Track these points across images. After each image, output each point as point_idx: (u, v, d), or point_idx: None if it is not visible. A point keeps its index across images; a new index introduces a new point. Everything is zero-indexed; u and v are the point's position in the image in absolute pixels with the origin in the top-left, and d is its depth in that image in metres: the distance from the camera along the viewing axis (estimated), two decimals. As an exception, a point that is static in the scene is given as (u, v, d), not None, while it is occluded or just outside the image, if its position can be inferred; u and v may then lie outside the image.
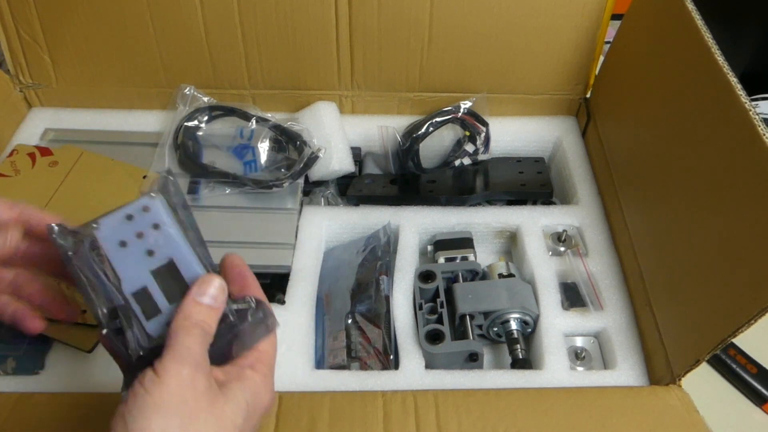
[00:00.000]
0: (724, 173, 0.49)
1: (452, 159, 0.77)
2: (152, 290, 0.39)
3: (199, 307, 0.38)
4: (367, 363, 0.60)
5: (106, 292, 0.38)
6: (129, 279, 0.38)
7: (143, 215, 0.39)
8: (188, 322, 0.37)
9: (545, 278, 0.65)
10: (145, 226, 0.39)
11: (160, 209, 0.39)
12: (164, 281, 0.39)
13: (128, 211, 0.39)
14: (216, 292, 0.39)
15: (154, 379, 0.34)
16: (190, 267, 0.39)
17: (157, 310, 0.39)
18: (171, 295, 0.39)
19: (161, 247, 0.39)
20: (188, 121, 0.74)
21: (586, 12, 0.71)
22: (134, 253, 0.38)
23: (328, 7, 0.70)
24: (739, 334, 0.46)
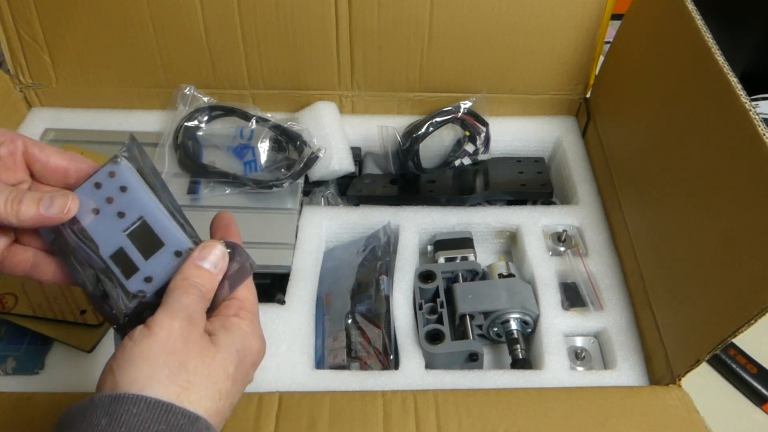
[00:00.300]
0: (724, 173, 0.49)
1: (452, 159, 0.77)
2: (128, 250, 0.40)
3: (198, 271, 0.38)
4: (367, 363, 0.60)
5: (88, 260, 0.40)
6: (105, 243, 0.40)
7: (110, 180, 0.40)
8: (186, 282, 0.38)
9: (545, 278, 0.65)
10: (113, 191, 0.40)
11: (125, 172, 0.41)
12: (138, 240, 0.40)
13: (96, 179, 0.40)
14: (217, 259, 0.39)
15: (144, 331, 0.35)
16: (160, 222, 0.41)
17: (134, 268, 0.40)
18: (147, 252, 0.40)
19: (131, 207, 0.40)
20: (188, 121, 0.74)
21: (586, 12, 0.71)
22: (106, 218, 0.40)
23: (328, 7, 0.70)
24: (739, 334, 0.46)
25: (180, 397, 0.34)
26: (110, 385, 0.34)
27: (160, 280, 0.40)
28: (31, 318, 0.58)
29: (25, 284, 0.60)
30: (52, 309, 0.58)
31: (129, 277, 0.40)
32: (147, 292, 0.40)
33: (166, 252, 0.40)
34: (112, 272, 0.40)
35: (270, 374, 0.57)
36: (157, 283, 0.40)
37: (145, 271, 0.40)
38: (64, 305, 0.59)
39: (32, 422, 0.50)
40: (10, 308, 0.58)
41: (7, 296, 0.59)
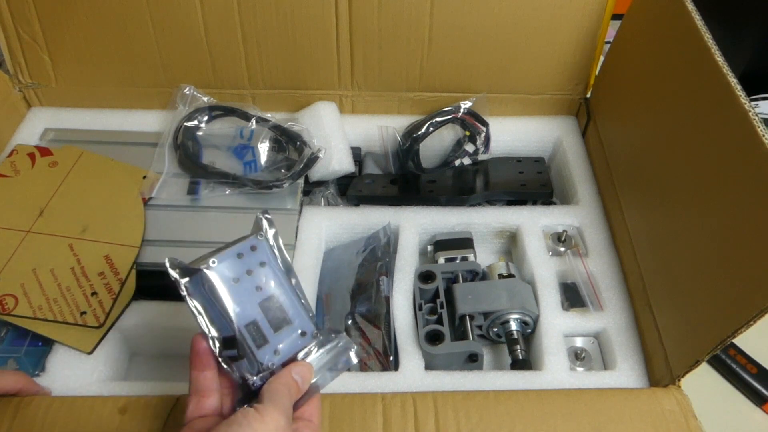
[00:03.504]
0: (723, 173, 0.49)
1: (452, 159, 0.77)
2: (260, 322, 0.44)
3: (292, 380, 0.43)
4: (367, 364, 0.60)
5: (220, 323, 0.43)
6: (242, 311, 0.43)
7: (251, 254, 0.44)
8: (285, 387, 0.42)
9: (545, 278, 0.65)
10: (253, 264, 0.44)
11: (266, 249, 0.45)
12: (269, 313, 0.44)
13: (239, 250, 0.44)
14: (306, 377, 0.44)
15: (256, 416, 0.39)
16: (290, 301, 0.45)
17: (265, 340, 0.44)
18: (276, 326, 0.44)
19: (267, 283, 0.44)
20: (188, 121, 0.74)
21: (586, 12, 0.71)
22: (245, 288, 0.44)
23: (328, 7, 0.70)
24: (739, 334, 0.46)
25: None
26: None
27: (285, 354, 0.44)
28: (31, 319, 0.58)
29: (26, 286, 0.60)
30: (53, 311, 0.58)
31: (259, 348, 0.43)
32: (275, 363, 0.44)
33: (293, 330, 0.45)
34: (246, 341, 0.43)
35: (270, 375, 0.57)
36: (283, 357, 0.44)
37: (273, 344, 0.44)
38: (64, 307, 0.59)
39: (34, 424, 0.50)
40: (10, 310, 0.58)
41: (8, 298, 0.59)
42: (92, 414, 0.51)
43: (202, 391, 0.43)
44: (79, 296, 0.60)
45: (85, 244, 0.63)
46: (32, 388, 0.53)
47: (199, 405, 0.43)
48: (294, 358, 0.45)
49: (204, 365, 0.43)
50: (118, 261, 0.62)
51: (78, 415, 0.51)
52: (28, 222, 0.65)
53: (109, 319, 0.59)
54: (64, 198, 0.67)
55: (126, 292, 0.61)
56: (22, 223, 0.65)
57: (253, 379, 0.43)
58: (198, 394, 0.43)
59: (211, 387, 0.43)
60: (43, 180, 0.69)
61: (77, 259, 0.62)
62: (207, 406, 0.43)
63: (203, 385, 0.43)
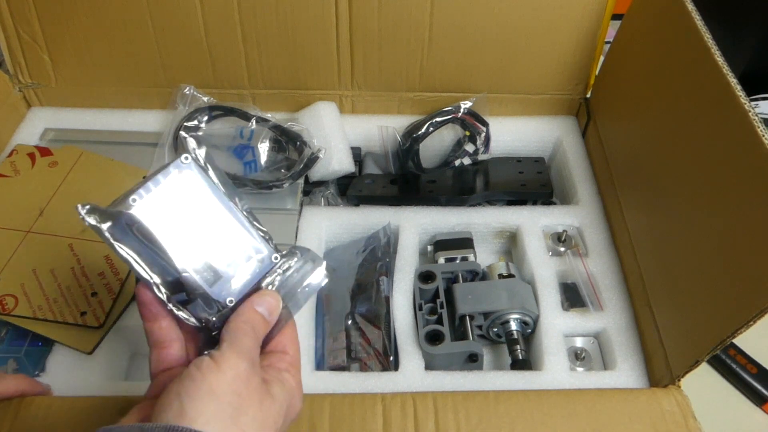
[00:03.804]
0: (723, 173, 0.49)
1: (452, 159, 0.77)
2: (208, 256, 0.39)
3: (255, 315, 0.39)
4: (367, 364, 0.60)
5: (161, 266, 0.38)
6: (183, 249, 0.38)
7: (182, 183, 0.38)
8: (246, 325, 0.38)
9: (545, 278, 0.65)
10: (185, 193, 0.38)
11: (197, 173, 0.39)
12: (216, 245, 0.39)
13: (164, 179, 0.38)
14: (272, 307, 0.40)
15: (211, 365, 0.35)
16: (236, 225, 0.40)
17: (217, 275, 0.39)
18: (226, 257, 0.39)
19: (206, 210, 0.39)
20: (188, 121, 0.73)
21: (586, 12, 0.71)
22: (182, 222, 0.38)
23: (328, 7, 0.70)
24: (739, 334, 0.45)
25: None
26: (176, 410, 0.34)
27: (245, 286, 0.40)
28: (31, 319, 0.58)
29: (26, 286, 0.60)
30: (53, 310, 0.58)
31: (213, 285, 0.39)
32: (234, 298, 0.40)
33: (247, 257, 0.40)
34: (194, 279, 0.39)
35: (270, 375, 0.57)
36: (242, 289, 0.40)
37: (228, 277, 0.39)
38: (64, 307, 0.59)
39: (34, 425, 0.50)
40: (10, 310, 0.58)
41: (8, 298, 0.59)
42: (92, 414, 0.51)
43: (160, 343, 0.40)
44: (79, 296, 0.60)
45: (85, 244, 0.63)
46: (33, 390, 0.52)
47: (161, 358, 0.39)
48: (257, 287, 0.40)
49: (156, 315, 0.39)
50: (118, 261, 0.62)
51: (78, 415, 0.51)
52: (28, 222, 0.65)
53: (109, 319, 0.59)
54: (64, 198, 0.67)
55: (126, 292, 0.61)
56: (22, 223, 0.65)
57: (211, 320, 0.39)
58: (157, 346, 0.40)
59: (169, 336, 0.40)
60: (43, 180, 0.69)
61: (77, 259, 0.62)
62: (170, 357, 0.40)
63: (160, 336, 0.40)
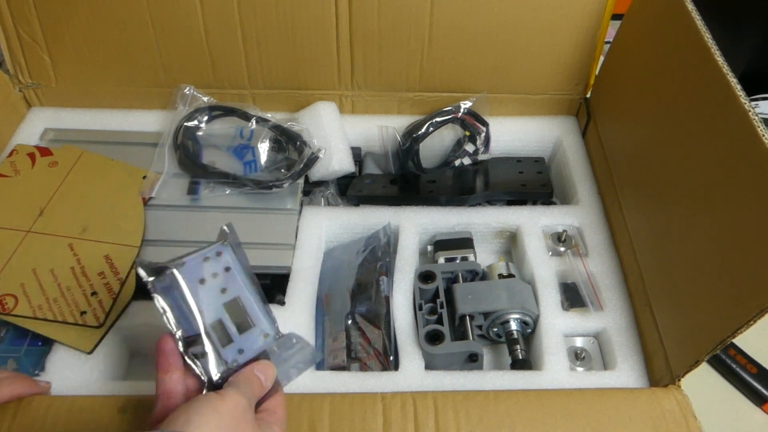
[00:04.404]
0: (723, 173, 0.49)
1: (452, 159, 0.77)
2: (225, 322, 0.46)
3: (255, 377, 0.45)
4: (367, 364, 0.60)
5: (186, 322, 0.45)
6: (207, 311, 0.46)
7: (217, 258, 0.48)
8: (246, 381, 0.45)
9: (545, 278, 0.65)
10: (218, 268, 0.47)
11: (230, 255, 0.48)
12: (233, 315, 0.47)
13: (206, 254, 0.47)
14: (269, 375, 0.46)
15: (216, 395, 0.41)
16: (253, 305, 0.48)
17: (229, 339, 0.46)
18: (240, 328, 0.47)
19: (231, 286, 0.47)
20: (188, 121, 0.74)
21: (586, 12, 0.71)
22: (211, 289, 0.46)
23: (328, 7, 0.70)
24: (739, 334, 0.46)
25: None
26: (182, 421, 0.39)
27: (249, 354, 0.47)
28: (31, 319, 0.58)
29: (25, 285, 0.60)
30: (53, 310, 0.58)
31: (225, 346, 0.46)
32: (239, 362, 0.46)
33: (256, 331, 0.47)
34: (211, 339, 0.45)
35: (270, 375, 0.57)
36: (246, 356, 0.47)
37: (238, 343, 0.46)
38: (64, 306, 0.59)
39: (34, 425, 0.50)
40: (10, 309, 0.58)
41: (8, 297, 0.59)
42: (92, 414, 0.51)
43: (168, 394, 0.44)
44: (79, 296, 0.60)
45: (85, 244, 0.63)
46: (31, 391, 0.52)
47: (166, 407, 0.43)
48: (257, 357, 0.47)
49: (170, 367, 0.44)
50: (118, 261, 0.62)
51: (78, 415, 0.51)
52: (28, 222, 0.65)
53: (108, 319, 0.59)
54: (64, 198, 0.67)
55: (126, 292, 0.61)
56: (22, 223, 0.65)
57: (217, 376, 0.45)
58: (165, 396, 0.44)
59: (177, 389, 0.44)
60: (43, 180, 0.69)
61: (77, 259, 0.62)
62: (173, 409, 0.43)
63: (169, 387, 0.44)
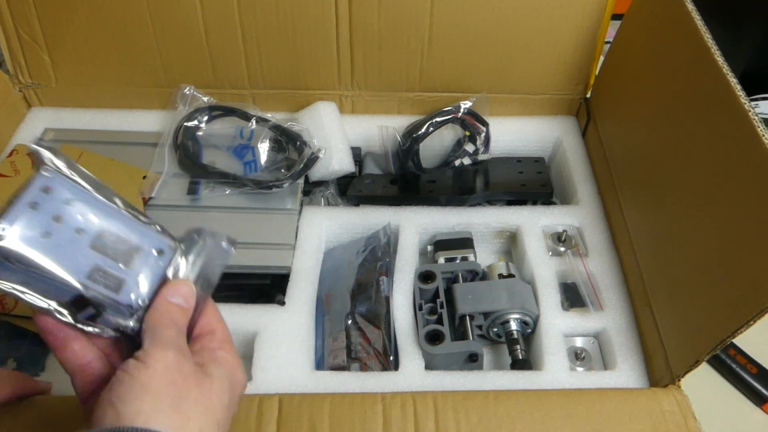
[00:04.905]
0: (723, 173, 0.49)
1: (452, 159, 0.77)
2: (103, 264, 0.36)
3: (171, 306, 0.38)
4: (367, 364, 0.60)
5: (55, 289, 0.36)
6: (73, 264, 0.36)
7: (47, 197, 0.35)
8: (164, 318, 0.37)
9: (545, 278, 0.65)
10: (57, 207, 0.35)
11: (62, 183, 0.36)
12: (108, 251, 0.37)
13: (30, 199, 0.35)
14: (187, 294, 0.39)
15: (138, 365, 0.34)
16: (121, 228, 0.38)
17: (119, 280, 0.37)
18: (123, 260, 0.37)
19: (86, 219, 0.36)
20: (188, 121, 0.74)
21: (586, 12, 0.71)
22: (63, 238, 0.35)
23: (328, 7, 0.70)
24: (739, 334, 0.46)
25: (184, 427, 0.34)
26: (112, 417, 0.33)
27: (151, 283, 0.38)
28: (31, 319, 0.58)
29: (26, 285, 0.60)
30: (52, 310, 0.58)
31: (118, 291, 0.37)
32: (144, 297, 0.38)
33: (146, 254, 0.38)
34: (97, 290, 0.36)
35: (270, 375, 0.57)
36: (150, 287, 0.38)
37: (131, 279, 0.37)
38: (64, 306, 0.59)
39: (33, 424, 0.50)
40: (10, 309, 0.58)
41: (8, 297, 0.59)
42: (92, 414, 0.51)
43: (80, 368, 0.37)
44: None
45: (85, 244, 0.63)
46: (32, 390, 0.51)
47: (86, 381, 0.37)
48: (164, 280, 0.39)
49: (65, 341, 0.37)
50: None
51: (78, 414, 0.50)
52: (28, 222, 0.65)
53: (109, 319, 0.59)
54: (64, 198, 0.67)
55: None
56: (22, 223, 0.65)
57: (129, 326, 0.37)
58: (78, 372, 0.37)
59: (86, 358, 0.37)
60: (43, 180, 0.69)
61: (77, 259, 0.62)
62: (94, 378, 0.37)
63: (77, 361, 0.37)
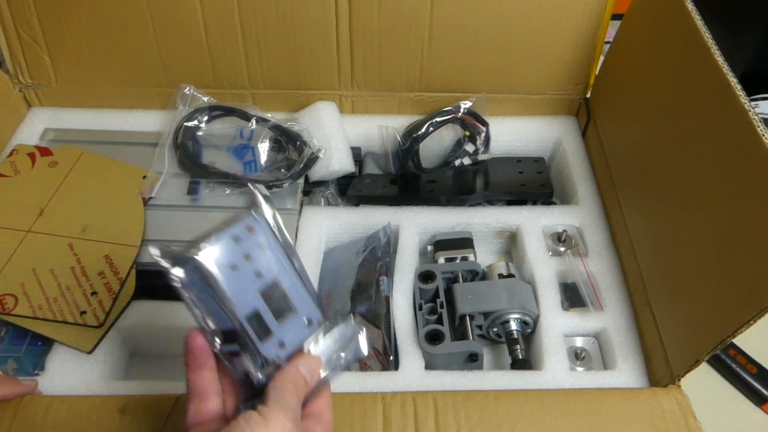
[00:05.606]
0: (723, 173, 0.49)
1: (452, 159, 0.77)
2: (263, 312, 0.39)
3: (299, 376, 0.39)
4: (367, 364, 0.60)
5: (218, 316, 0.38)
6: (242, 302, 0.38)
7: (248, 236, 0.39)
8: (291, 385, 0.38)
9: (545, 278, 0.65)
10: (251, 248, 0.39)
11: (264, 229, 0.40)
12: (272, 302, 0.40)
13: (235, 233, 0.39)
14: (313, 371, 0.40)
15: (260, 421, 0.36)
16: (294, 287, 0.40)
17: (269, 332, 0.39)
18: (279, 315, 0.40)
19: (267, 267, 0.39)
20: (188, 121, 0.74)
21: (586, 12, 0.71)
22: (244, 276, 0.39)
23: (328, 7, 0.70)
24: (739, 334, 0.46)
25: None
26: None
27: (291, 347, 0.40)
28: (31, 319, 0.58)
29: (25, 285, 0.60)
30: (53, 310, 0.58)
31: (263, 341, 0.39)
32: (281, 357, 0.40)
33: (298, 319, 0.40)
34: (248, 334, 0.39)
35: (270, 375, 0.57)
36: (288, 349, 0.40)
37: (278, 335, 0.39)
38: (64, 306, 0.59)
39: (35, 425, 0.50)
40: (10, 309, 0.58)
41: (8, 297, 0.59)
42: (92, 414, 0.51)
43: (201, 394, 0.39)
44: (78, 296, 0.60)
45: (85, 244, 0.63)
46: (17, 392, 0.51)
47: (199, 410, 0.39)
48: (300, 349, 0.41)
49: (201, 365, 0.39)
50: (118, 261, 0.62)
51: (78, 415, 0.51)
52: (28, 222, 0.65)
53: (108, 319, 0.59)
54: (64, 198, 0.67)
55: (126, 291, 0.61)
56: (22, 223, 0.65)
57: (257, 376, 0.39)
58: (197, 397, 0.39)
59: (210, 389, 0.39)
60: (43, 180, 0.69)
61: (77, 259, 0.62)
62: (208, 410, 0.39)
63: (201, 388, 0.39)
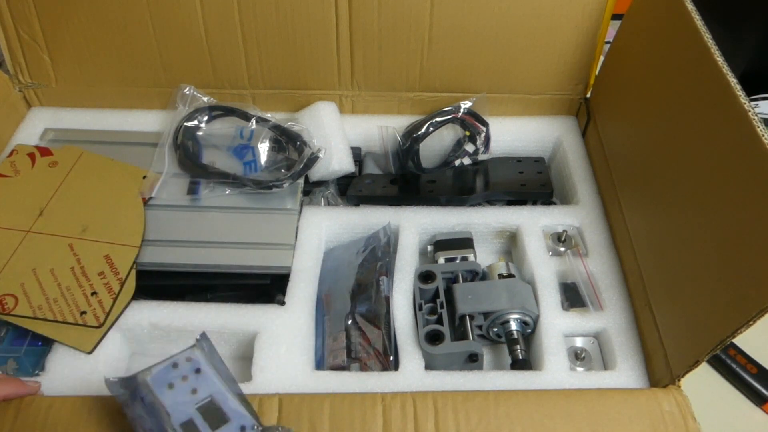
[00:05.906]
0: (723, 173, 0.49)
1: (452, 159, 0.77)
2: (197, 421, 0.47)
3: None
4: (367, 364, 0.60)
5: (159, 426, 0.46)
6: (177, 413, 0.47)
7: (186, 363, 0.49)
8: None
9: (545, 278, 0.65)
10: (188, 371, 0.48)
11: (200, 358, 0.49)
12: (207, 414, 0.47)
13: (174, 360, 0.48)
14: None
15: None
16: (227, 401, 0.48)
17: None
18: (214, 425, 0.47)
19: (202, 387, 0.48)
20: (188, 121, 0.74)
21: (586, 12, 0.71)
22: (180, 392, 0.48)
23: (328, 7, 0.70)
24: (739, 334, 0.46)
25: None
26: None
27: None
28: (31, 319, 0.58)
29: (25, 285, 0.60)
30: (53, 310, 0.58)
31: None
32: None
33: (231, 427, 0.47)
34: None
35: (270, 375, 0.57)
36: None
37: None
38: (64, 306, 0.59)
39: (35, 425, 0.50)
40: (10, 310, 0.58)
41: (8, 297, 0.59)
42: (92, 414, 0.51)
43: None
44: (78, 296, 0.60)
45: (85, 244, 0.63)
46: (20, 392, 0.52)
47: None
48: None
49: None
50: (118, 261, 0.62)
51: (78, 415, 0.51)
52: (28, 222, 0.65)
53: (108, 319, 0.59)
54: (64, 198, 0.68)
55: (126, 291, 0.61)
56: (22, 223, 0.65)
57: None
58: None
59: None
60: (43, 180, 0.69)
61: (77, 259, 0.62)
62: None
63: None
